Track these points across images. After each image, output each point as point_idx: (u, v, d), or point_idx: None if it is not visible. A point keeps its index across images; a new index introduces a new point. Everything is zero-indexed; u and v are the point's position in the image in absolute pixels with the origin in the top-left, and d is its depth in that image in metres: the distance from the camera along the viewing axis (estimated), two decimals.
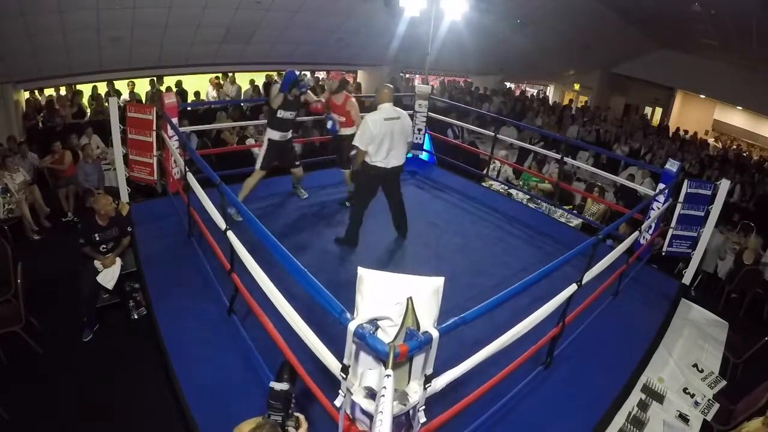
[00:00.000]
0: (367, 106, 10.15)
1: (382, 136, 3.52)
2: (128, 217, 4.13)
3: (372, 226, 4.45)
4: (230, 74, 10.13)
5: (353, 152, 3.81)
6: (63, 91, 8.62)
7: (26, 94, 8.18)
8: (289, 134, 4.32)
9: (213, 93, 9.70)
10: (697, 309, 3.90)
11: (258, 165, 4.20)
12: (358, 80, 12.52)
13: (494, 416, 2.36)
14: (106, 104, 7.26)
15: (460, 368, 1.77)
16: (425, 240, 4.30)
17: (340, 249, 3.96)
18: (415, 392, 1.53)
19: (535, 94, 16.16)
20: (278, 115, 4.09)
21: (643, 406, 2.75)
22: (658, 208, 4.14)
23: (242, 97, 9.78)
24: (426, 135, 6.30)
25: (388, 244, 4.16)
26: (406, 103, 9.50)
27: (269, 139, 4.18)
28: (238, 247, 2.45)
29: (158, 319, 2.93)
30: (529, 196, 6.03)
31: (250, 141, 6.90)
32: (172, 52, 8.51)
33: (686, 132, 12.19)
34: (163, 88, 8.78)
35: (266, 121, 4.35)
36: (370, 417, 1.47)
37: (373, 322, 1.46)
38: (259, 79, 10.44)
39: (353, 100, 4.50)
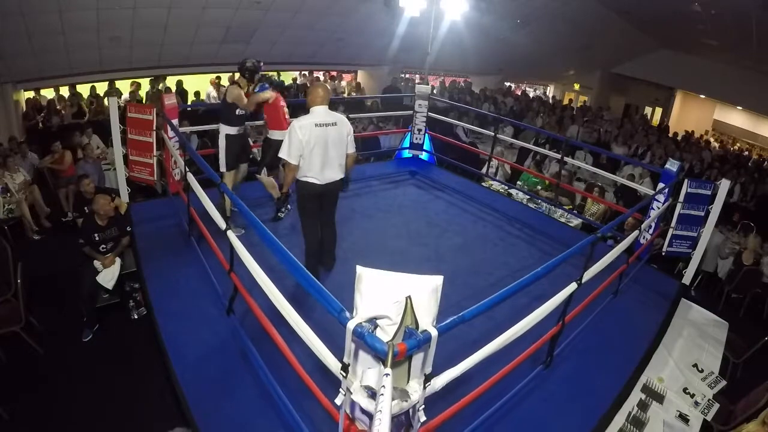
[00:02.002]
0: (369, 105, 10.22)
1: (313, 145, 2.99)
2: (128, 216, 4.14)
3: (371, 226, 4.46)
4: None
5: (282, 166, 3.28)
6: (63, 91, 8.63)
7: (26, 94, 8.18)
8: (243, 129, 4.15)
9: (213, 93, 9.70)
10: (697, 309, 3.89)
11: (223, 167, 4.01)
12: (358, 80, 12.54)
13: (494, 415, 2.36)
14: (107, 104, 7.27)
15: (460, 367, 1.77)
16: (425, 240, 4.30)
17: (339, 248, 3.95)
18: (415, 391, 1.53)
19: (539, 94, 16.17)
20: (237, 113, 3.97)
21: (643, 406, 2.74)
22: (658, 208, 4.14)
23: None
24: (426, 135, 6.30)
25: (387, 243, 4.16)
26: (405, 102, 9.53)
27: (227, 135, 4.01)
28: (238, 246, 2.45)
29: (158, 319, 2.93)
30: (528, 196, 6.03)
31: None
32: (172, 52, 8.52)
33: (687, 132, 12.20)
34: (161, 88, 8.79)
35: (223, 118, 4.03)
36: (370, 416, 1.47)
37: (372, 320, 1.46)
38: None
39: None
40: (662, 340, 3.34)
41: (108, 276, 3.74)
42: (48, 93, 8.47)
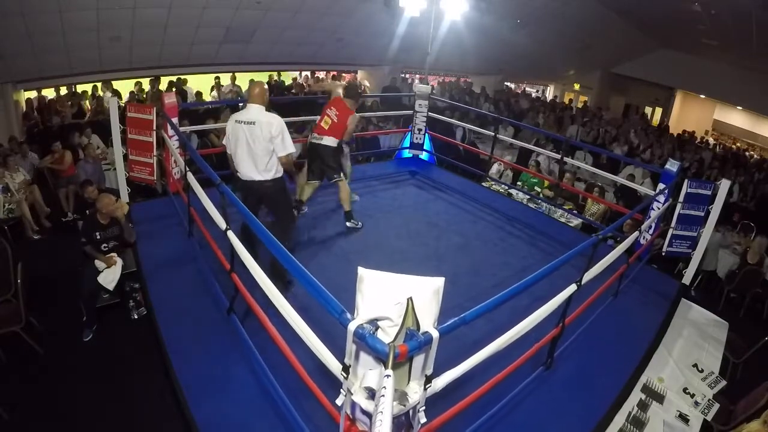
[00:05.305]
0: (369, 105, 10.21)
1: (230, 139, 3.14)
2: (128, 216, 4.13)
3: (371, 226, 4.45)
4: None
5: None
6: (63, 90, 8.62)
7: (27, 94, 8.18)
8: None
9: (213, 93, 9.71)
10: (697, 309, 3.89)
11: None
12: (357, 80, 12.54)
13: (495, 416, 2.36)
14: (107, 104, 7.27)
15: (461, 368, 1.77)
16: (425, 240, 4.30)
17: (340, 249, 3.96)
18: (415, 392, 1.53)
19: (539, 94, 16.20)
20: None
21: (643, 406, 2.75)
22: (658, 208, 4.14)
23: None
24: (426, 135, 6.30)
25: (387, 243, 4.16)
26: (404, 102, 9.53)
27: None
28: (238, 246, 2.45)
29: (158, 319, 2.93)
30: (528, 197, 6.03)
31: None
32: (172, 52, 8.51)
33: (689, 133, 12.21)
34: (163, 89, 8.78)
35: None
36: (371, 417, 1.47)
37: (374, 322, 1.46)
38: (260, 79, 10.44)
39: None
40: (662, 340, 3.35)
41: (109, 277, 3.73)
42: (48, 93, 8.46)
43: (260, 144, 3.07)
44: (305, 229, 4.22)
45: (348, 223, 4.31)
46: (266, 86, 3.24)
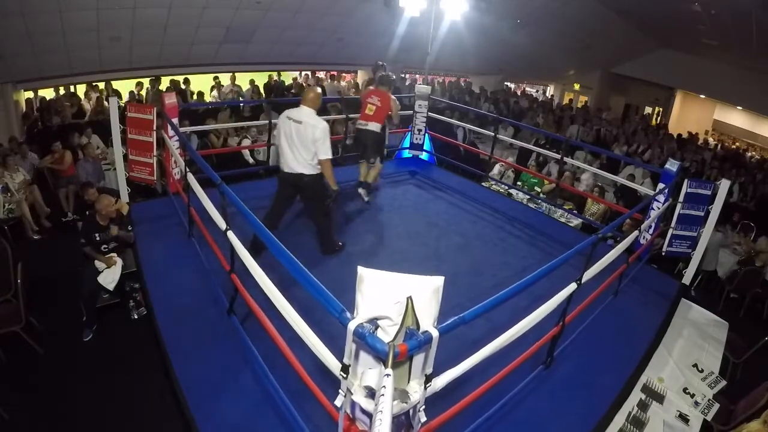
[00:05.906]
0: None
1: (279, 132, 3.43)
2: (128, 216, 4.13)
3: (371, 226, 4.46)
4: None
5: None
6: (63, 90, 8.63)
7: (26, 94, 8.18)
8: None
9: (213, 93, 9.70)
10: (697, 309, 3.89)
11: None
12: (357, 80, 12.54)
13: (494, 416, 2.36)
14: (107, 104, 7.27)
15: (461, 368, 1.77)
16: (425, 240, 4.30)
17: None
18: (416, 392, 1.53)
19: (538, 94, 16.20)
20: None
21: (643, 406, 2.75)
22: (658, 208, 4.14)
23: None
24: (426, 135, 6.30)
25: (387, 243, 4.16)
26: (404, 102, 9.51)
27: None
28: (238, 247, 2.45)
29: (158, 319, 2.93)
30: (528, 197, 6.03)
31: (246, 141, 6.95)
32: (172, 52, 8.52)
33: (690, 133, 12.21)
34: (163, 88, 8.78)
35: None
36: (370, 416, 1.47)
37: (373, 321, 1.46)
38: (260, 79, 10.44)
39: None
40: (662, 340, 3.35)
41: (109, 278, 3.74)
42: (48, 93, 8.47)
43: (303, 143, 3.33)
44: (306, 229, 4.22)
45: (360, 189, 4.71)
46: (320, 91, 3.51)
